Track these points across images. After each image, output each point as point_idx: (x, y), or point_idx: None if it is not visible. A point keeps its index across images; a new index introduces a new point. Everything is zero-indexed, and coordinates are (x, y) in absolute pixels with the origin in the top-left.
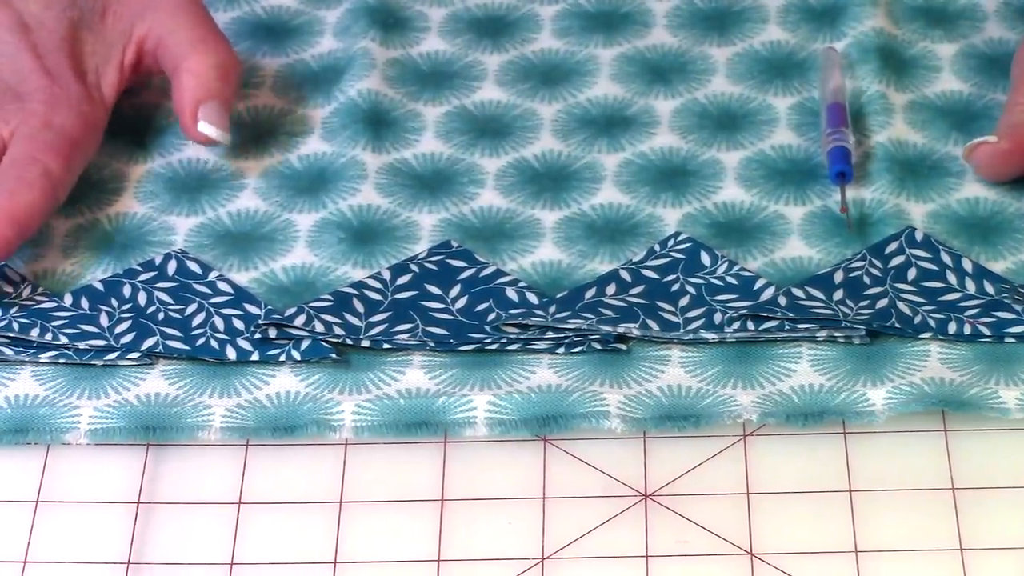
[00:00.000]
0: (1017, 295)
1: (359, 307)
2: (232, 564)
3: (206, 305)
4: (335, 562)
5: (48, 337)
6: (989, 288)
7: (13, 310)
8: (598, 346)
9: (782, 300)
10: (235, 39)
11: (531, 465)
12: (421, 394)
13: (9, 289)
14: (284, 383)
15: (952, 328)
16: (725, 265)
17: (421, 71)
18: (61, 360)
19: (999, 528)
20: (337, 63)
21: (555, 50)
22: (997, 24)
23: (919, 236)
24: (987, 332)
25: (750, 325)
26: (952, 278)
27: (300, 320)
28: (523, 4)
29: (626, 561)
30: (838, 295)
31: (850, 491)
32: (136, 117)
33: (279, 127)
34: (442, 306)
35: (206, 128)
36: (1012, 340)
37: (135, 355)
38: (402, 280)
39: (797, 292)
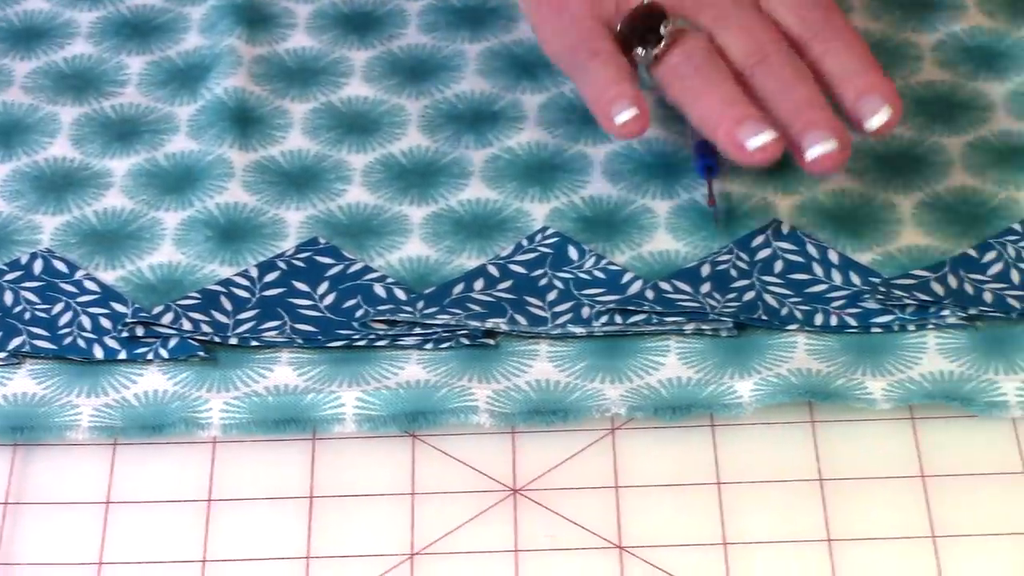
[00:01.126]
0: (882, 287)
1: (227, 305)
2: (101, 564)
3: (73, 304)
4: (204, 560)
5: None
6: (855, 279)
7: None
8: (466, 341)
9: (650, 294)
10: (100, 38)
11: (400, 461)
12: (289, 391)
13: None
14: (152, 382)
15: (818, 320)
16: (593, 259)
17: (288, 68)
18: None
19: (866, 518)
20: (203, 60)
21: (422, 45)
22: (860, 15)
23: (785, 229)
24: (853, 323)
25: (618, 319)
26: (818, 270)
27: (167, 318)
28: (389, 0)
29: (495, 556)
30: (705, 288)
31: (718, 483)
32: (2, 115)
33: (145, 125)
34: (310, 303)
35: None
36: (878, 331)
37: (1, 355)
38: (270, 277)
39: (664, 286)
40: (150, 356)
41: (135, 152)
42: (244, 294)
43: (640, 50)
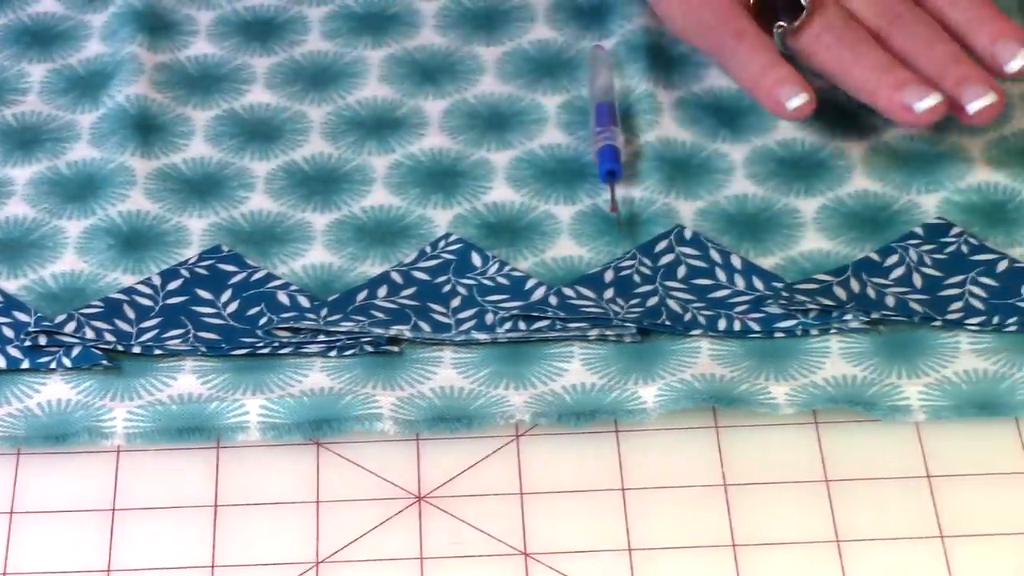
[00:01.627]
0: (784, 292)
1: (130, 313)
2: (3, 575)
3: None
4: (108, 570)
5: None
6: (758, 284)
7: None
8: (370, 349)
9: (553, 300)
10: (0, 46)
11: (305, 469)
12: (193, 399)
13: None
14: (55, 391)
15: (722, 325)
16: (496, 266)
17: (189, 75)
18: None
19: (770, 523)
20: (105, 68)
21: (324, 52)
22: None
23: (688, 234)
24: (756, 328)
25: (521, 325)
26: (721, 275)
27: (70, 327)
28: (291, 6)
29: (401, 563)
30: (608, 294)
31: (623, 489)
32: None
33: (47, 133)
34: (213, 311)
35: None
36: (781, 335)
37: None
38: (173, 285)
39: (568, 292)
40: (53, 365)
41: (37, 160)
42: (147, 302)
43: (782, 22)
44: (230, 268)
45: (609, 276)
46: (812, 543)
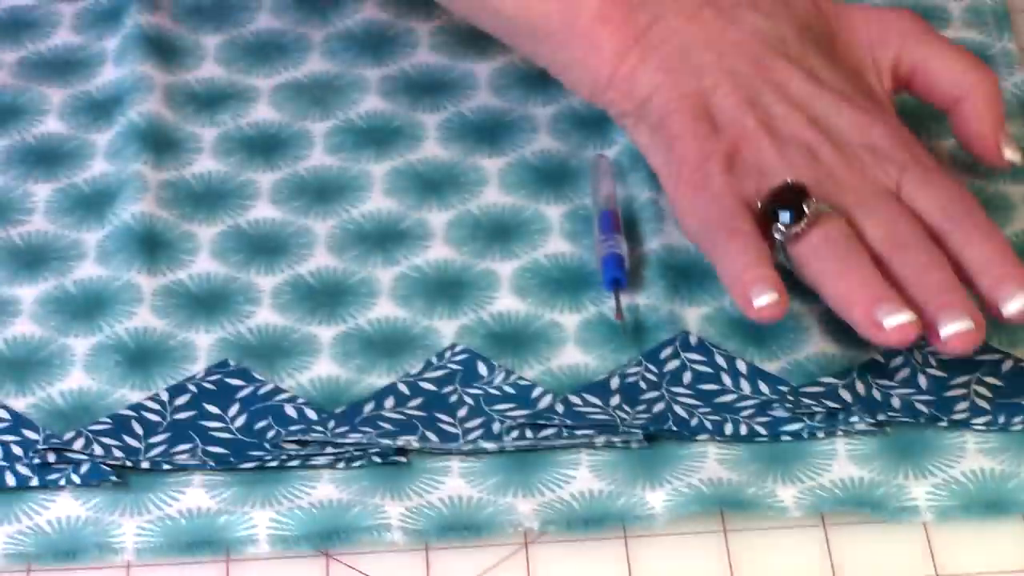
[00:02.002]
0: (790, 396)
1: (138, 429)
2: None
3: None
4: None
5: None
6: (764, 388)
7: None
8: (378, 459)
9: (559, 407)
10: (4, 167)
11: None
12: (203, 513)
13: None
14: (64, 507)
15: (728, 429)
16: (502, 375)
17: (194, 192)
18: None
19: None
20: (110, 187)
21: (328, 166)
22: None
23: (693, 340)
24: (763, 431)
25: (528, 433)
26: (727, 379)
27: (79, 444)
28: (295, 121)
29: None
30: (615, 401)
31: None
32: None
33: (52, 252)
34: (221, 425)
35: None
36: (788, 439)
37: None
38: (180, 400)
39: (574, 399)
40: (62, 482)
41: (43, 279)
42: (155, 418)
43: (781, 226)
44: (237, 382)
45: (615, 383)
46: None
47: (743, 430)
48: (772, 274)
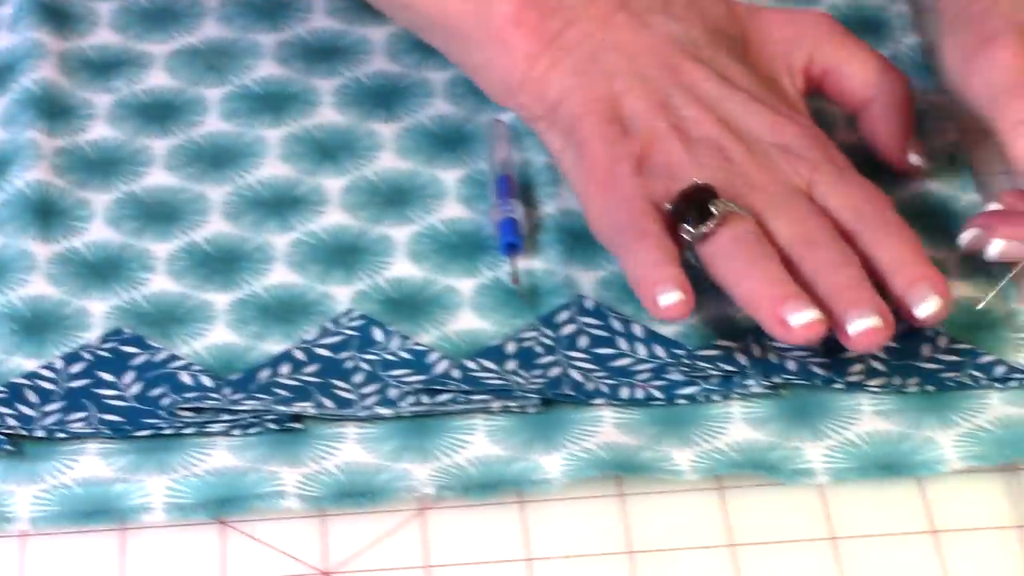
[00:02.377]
0: (686, 359)
1: (32, 397)
2: None
3: None
4: None
5: None
6: (660, 352)
7: None
8: (274, 426)
9: (456, 373)
10: None
11: (211, 548)
12: (98, 482)
13: None
14: None
15: (624, 393)
16: (398, 340)
17: (89, 159)
18: None
19: None
20: (4, 154)
21: (223, 132)
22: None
23: (589, 304)
24: (659, 395)
25: (424, 399)
26: (623, 344)
27: None
28: (189, 87)
29: None
30: (511, 365)
31: (528, 560)
32: None
33: None
34: (116, 393)
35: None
36: (683, 402)
37: None
38: (75, 368)
39: (470, 364)
40: None
41: None
42: (49, 386)
43: (688, 227)
44: (132, 350)
45: (511, 348)
46: None
47: (639, 394)
48: (678, 273)
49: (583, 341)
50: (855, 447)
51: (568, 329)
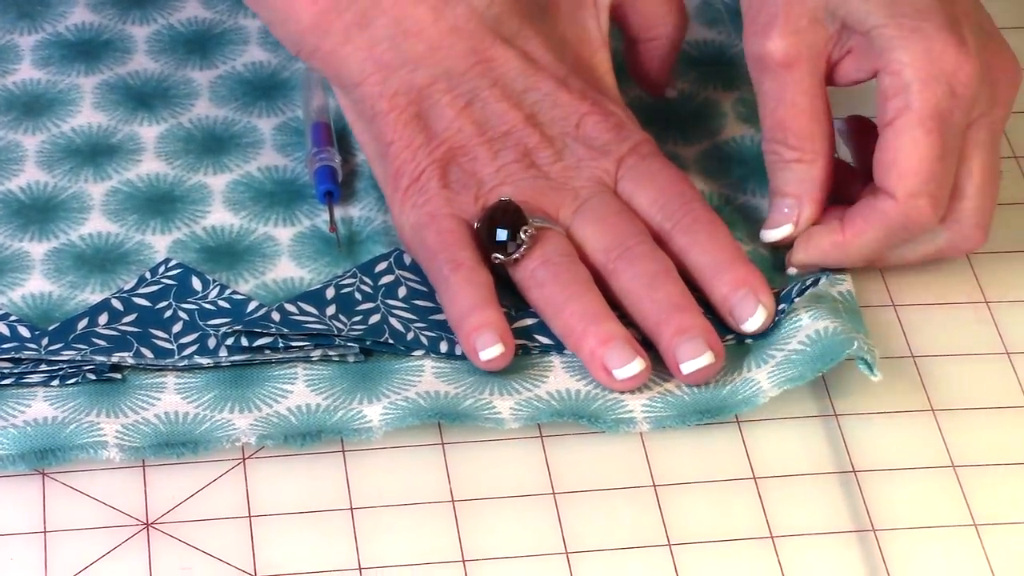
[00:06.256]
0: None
1: None
2: None
3: None
4: None
5: None
6: None
7: None
8: (93, 376)
9: (275, 316)
10: None
11: (31, 499)
12: None
13: None
14: None
15: (443, 347)
16: (217, 289)
17: None
18: None
19: (499, 537)
20: None
21: (36, 80)
22: None
23: (407, 259)
24: None
25: (244, 341)
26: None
27: None
28: (2, 35)
29: None
30: (331, 310)
31: (351, 509)
32: None
33: None
34: None
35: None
36: None
37: None
38: None
39: (290, 307)
40: None
41: None
42: None
43: (499, 255)
44: None
45: (331, 293)
46: (541, 555)
47: (458, 350)
48: (495, 317)
49: (402, 291)
50: (674, 396)
51: (387, 279)
